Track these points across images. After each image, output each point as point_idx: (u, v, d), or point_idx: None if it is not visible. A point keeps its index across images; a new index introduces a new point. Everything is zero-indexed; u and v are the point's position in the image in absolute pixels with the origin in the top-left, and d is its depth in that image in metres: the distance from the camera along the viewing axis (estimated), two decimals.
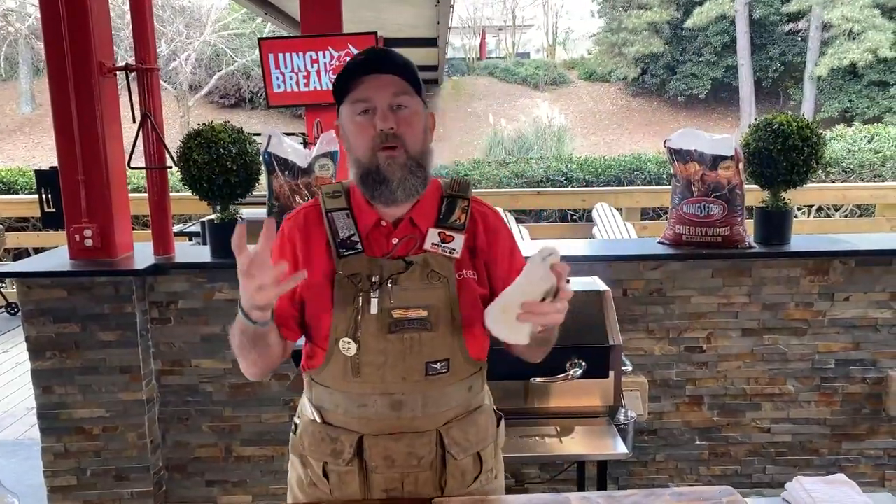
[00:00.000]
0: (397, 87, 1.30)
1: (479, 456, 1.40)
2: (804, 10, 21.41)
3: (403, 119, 1.30)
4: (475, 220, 1.39)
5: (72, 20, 2.69)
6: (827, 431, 2.94)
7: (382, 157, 1.29)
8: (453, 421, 1.37)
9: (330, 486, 1.37)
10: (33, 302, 2.72)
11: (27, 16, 20.55)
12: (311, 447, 1.39)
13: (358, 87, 1.30)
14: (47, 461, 2.83)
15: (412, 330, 1.30)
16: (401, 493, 1.36)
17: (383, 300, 1.29)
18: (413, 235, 1.35)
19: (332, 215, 1.36)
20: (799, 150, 2.70)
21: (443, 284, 1.32)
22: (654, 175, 6.81)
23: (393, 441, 1.33)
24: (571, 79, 26.49)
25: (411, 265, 1.31)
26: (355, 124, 1.31)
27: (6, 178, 6.81)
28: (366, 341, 1.30)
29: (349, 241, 1.33)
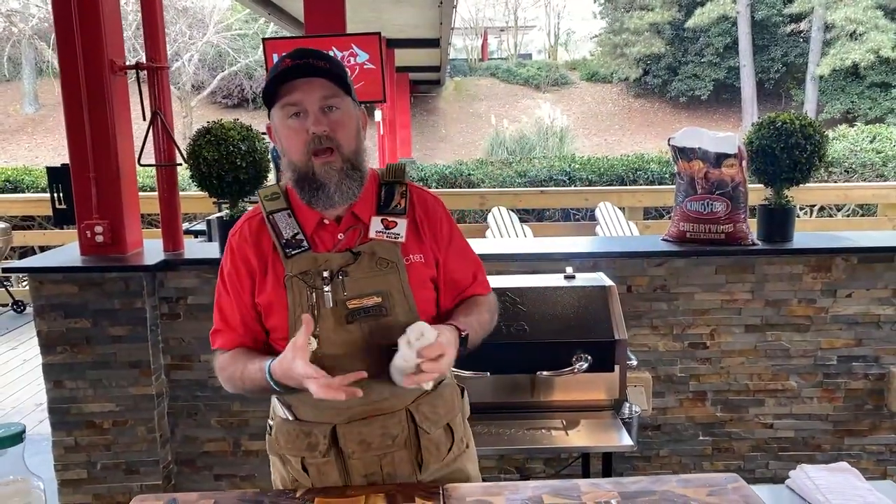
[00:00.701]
0: (327, 90, 1.30)
1: (449, 427, 1.44)
2: (806, 11, 21.44)
3: (335, 121, 1.31)
4: (414, 204, 1.42)
5: (83, 19, 2.72)
6: (829, 427, 2.97)
7: (318, 164, 1.30)
8: (420, 398, 1.40)
9: (311, 479, 1.40)
10: (45, 297, 2.76)
11: (30, 16, 20.62)
12: (288, 445, 1.41)
13: (288, 92, 1.30)
14: (58, 455, 2.86)
15: (369, 317, 1.32)
16: (380, 476, 1.38)
17: (337, 293, 1.32)
18: (356, 226, 1.38)
19: (273, 217, 1.37)
20: (801, 148, 2.73)
21: (392, 270, 1.34)
22: (657, 175, 6.85)
23: (365, 425, 1.36)
24: (573, 80, 26.53)
25: (359, 255, 1.33)
26: (287, 128, 1.32)
27: (12, 177, 6.85)
28: (326, 335, 1.32)
29: (294, 240, 1.34)
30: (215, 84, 22.08)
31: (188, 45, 21.09)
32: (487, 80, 26.11)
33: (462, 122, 23.47)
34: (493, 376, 2.18)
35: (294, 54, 1.31)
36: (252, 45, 21.17)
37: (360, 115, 1.39)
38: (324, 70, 1.30)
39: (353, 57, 5.46)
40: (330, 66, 1.31)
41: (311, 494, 1.34)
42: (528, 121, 17.86)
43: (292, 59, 1.30)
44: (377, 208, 1.38)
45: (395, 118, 14.09)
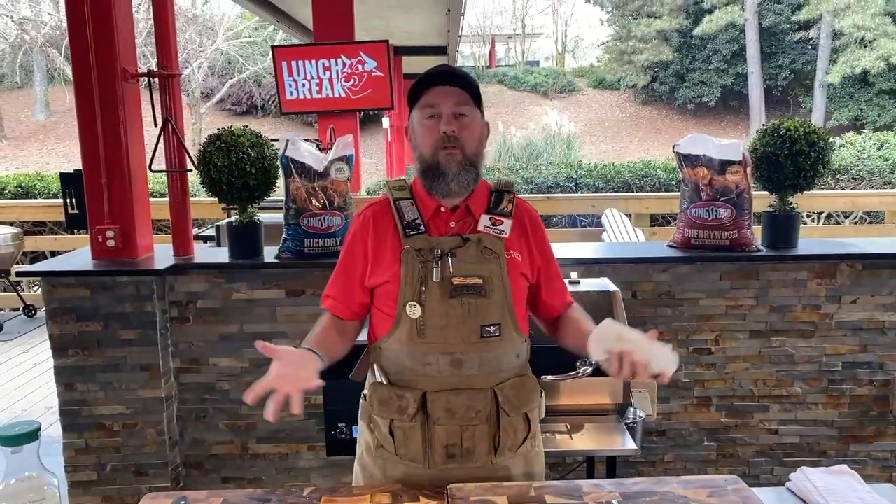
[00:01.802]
0: (460, 98, 1.52)
1: (527, 417, 1.57)
2: (815, 18, 21.43)
3: (463, 125, 1.51)
4: (522, 210, 1.62)
5: (97, 27, 2.77)
6: (834, 433, 2.98)
7: (443, 155, 1.50)
8: (505, 382, 1.53)
9: (395, 443, 1.52)
10: (57, 300, 2.80)
11: (42, 24, 20.82)
12: (380, 407, 1.54)
13: (427, 95, 1.52)
14: (68, 457, 2.90)
15: (470, 295, 1.48)
16: (459, 449, 1.50)
17: (444, 270, 1.49)
18: (467, 219, 1.56)
19: (398, 203, 1.57)
20: (806, 155, 2.75)
21: (495, 260, 1.52)
22: (664, 181, 6.86)
23: (454, 395, 1.49)
24: (581, 87, 26.57)
25: (468, 241, 1.52)
26: (423, 126, 1.53)
27: (24, 182, 6.93)
28: (430, 305, 1.48)
29: (413, 223, 1.54)
30: (225, 91, 22.24)
31: (198, 53, 21.25)
32: (495, 87, 26.17)
33: None
34: None
35: (438, 68, 1.56)
36: (261, 53, 21.31)
37: (485, 127, 1.59)
38: (460, 80, 1.53)
39: (362, 64, 5.53)
40: (467, 79, 1.54)
41: (318, 493, 1.37)
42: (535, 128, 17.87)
43: (437, 71, 1.55)
44: (487, 208, 1.57)
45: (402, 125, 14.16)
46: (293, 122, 21.16)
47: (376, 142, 19.75)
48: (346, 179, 2.82)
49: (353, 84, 5.58)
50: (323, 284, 1.65)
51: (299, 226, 2.79)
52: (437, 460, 1.50)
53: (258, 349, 1.35)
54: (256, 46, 21.92)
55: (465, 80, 1.54)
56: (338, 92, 5.50)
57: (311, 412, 2.93)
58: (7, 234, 5.67)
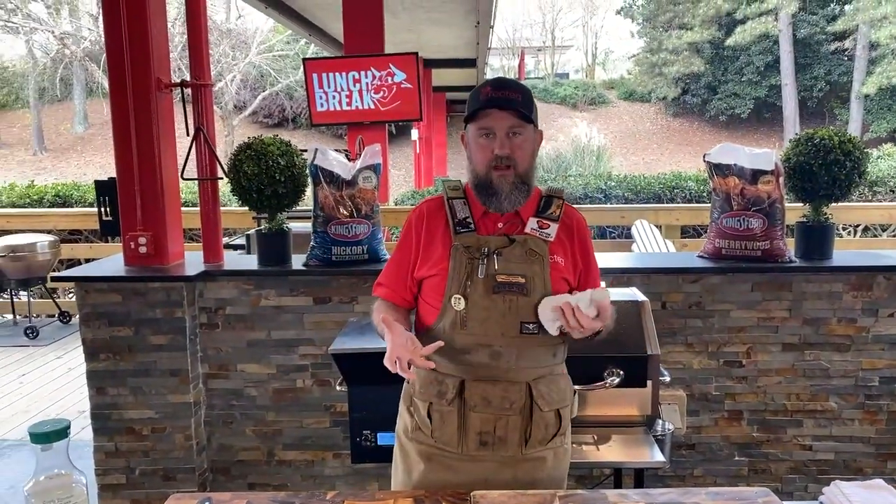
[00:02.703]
0: (513, 121, 1.56)
1: (558, 414, 1.63)
2: (850, 29, 21.09)
3: (517, 145, 1.57)
4: (570, 216, 1.68)
5: (132, 39, 2.84)
6: (871, 450, 2.90)
7: (496, 176, 1.57)
8: (541, 378, 1.60)
9: (432, 427, 1.60)
10: (90, 306, 2.85)
11: (82, 39, 21.39)
12: (421, 389, 1.63)
13: (484, 117, 1.57)
14: (98, 460, 2.94)
15: (512, 293, 1.56)
16: (492, 437, 1.57)
17: (489, 267, 1.57)
18: (515, 221, 1.63)
19: (452, 202, 1.66)
20: (841, 165, 2.70)
21: (538, 261, 1.59)
22: (695, 193, 6.77)
23: (490, 385, 1.57)
24: (611, 99, 26.46)
25: (514, 242, 1.59)
26: (478, 144, 1.59)
27: (62, 192, 7.09)
28: (473, 299, 1.56)
29: (464, 221, 1.62)
30: (257, 104, 22.59)
31: (231, 66, 21.63)
32: None
33: None
34: None
35: (494, 84, 1.58)
36: (293, 66, 21.62)
37: (537, 138, 1.64)
38: (515, 103, 1.55)
39: (391, 76, 5.57)
40: (521, 99, 1.56)
41: (341, 497, 1.37)
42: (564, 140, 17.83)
43: (493, 89, 1.57)
44: (536, 212, 1.64)
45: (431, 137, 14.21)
46: (324, 135, 21.41)
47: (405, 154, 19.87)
48: (373, 188, 2.83)
49: (382, 96, 5.62)
50: (349, 292, 1.68)
51: (327, 233, 2.81)
52: (471, 446, 1.57)
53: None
54: (288, 60, 22.25)
55: (519, 99, 1.56)
56: (367, 104, 5.54)
57: (336, 419, 2.94)
58: (44, 242, 5.80)
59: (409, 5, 7.42)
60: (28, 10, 20.87)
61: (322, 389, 2.93)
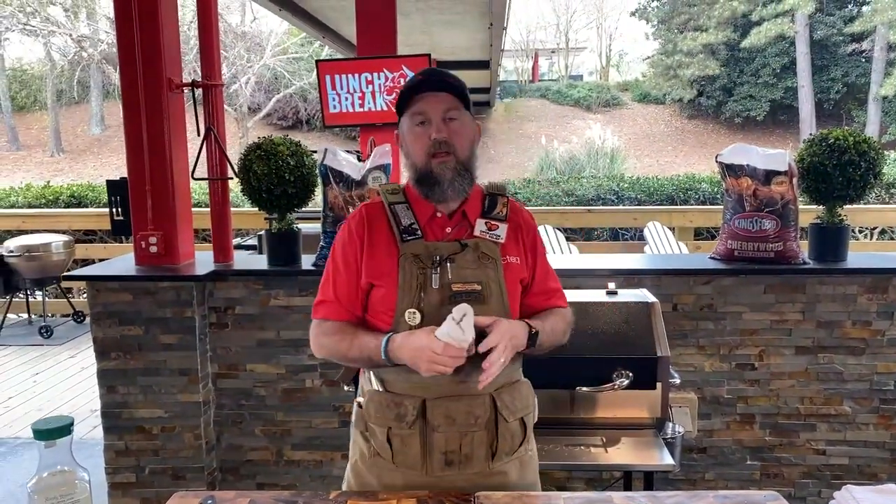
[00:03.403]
0: (449, 104, 1.50)
1: (523, 422, 1.56)
2: (868, 30, 20.86)
3: (454, 130, 1.50)
4: (517, 213, 1.61)
5: (145, 40, 2.85)
6: (886, 455, 2.85)
7: (435, 163, 1.49)
8: (503, 387, 1.52)
9: (393, 451, 1.50)
10: (101, 304, 2.87)
11: (99, 42, 21.61)
12: (377, 414, 1.51)
13: (417, 103, 1.51)
14: (109, 458, 2.96)
15: (468, 301, 1.43)
16: (457, 455, 1.48)
17: (443, 276, 1.48)
18: (464, 224, 1.55)
19: (393, 207, 1.55)
20: (856, 165, 2.66)
21: (492, 265, 1.51)
22: (709, 195, 6.72)
23: (453, 402, 1.47)
24: (625, 101, 26.33)
25: (466, 247, 1.50)
26: (413, 134, 1.52)
27: (77, 192, 7.16)
28: (429, 311, 1.46)
29: (410, 228, 1.52)
30: (271, 106, 22.69)
31: (246, 68, 21.76)
32: (537, 102, 26.13)
33: (511, 143, 23.51)
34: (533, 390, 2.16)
35: (425, 72, 1.54)
36: (307, 69, 21.70)
37: (476, 129, 1.57)
38: (448, 85, 1.51)
39: (403, 78, 5.55)
40: (455, 83, 1.52)
41: (344, 497, 1.36)
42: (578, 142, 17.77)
43: (424, 76, 1.52)
44: (482, 212, 1.57)
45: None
46: (337, 137, 21.46)
47: None
48: None
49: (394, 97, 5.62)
50: None
51: (336, 234, 2.80)
52: (435, 467, 1.48)
53: None
54: (302, 62, 22.34)
55: (453, 84, 1.52)
56: (380, 105, 5.54)
57: (345, 420, 2.93)
58: (59, 242, 5.86)
59: (422, 7, 7.42)
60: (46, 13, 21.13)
61: (331, 390, 2.93)
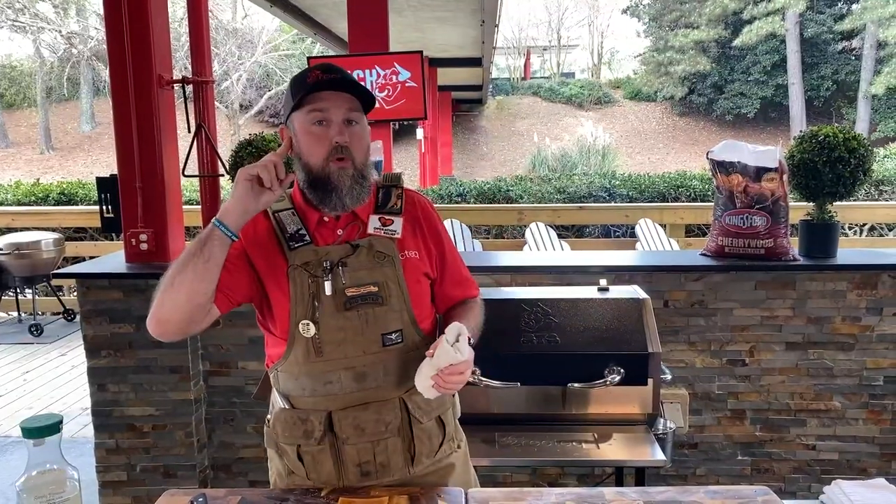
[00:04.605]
0: (350, 104, 1.40)
1: (440, 420, 1.50)
2: (858, 28, 20.97)
3: (354, 134, 1.40)
4: (412, 203, 1.52)
5: (134, 36, 2.83)
6: (875, 450, 2.87)
7: (334, 168, 1.38)
8: (413, 388, 1.41)
9: (306, 468, 1.45)
10: (91, 302, 2.85)
11: (89, 38, 21.48)
12: (284, 433, 1.46)
13: (316, 99, 1.38)
14: (100, 457, 2.94)
15: (366, 305, 1.40)
16: (373, 465, 1.42)
17: (336, 282, 1.39)
18: (355, 223, 1.46)
19: (278, 215, 1.45)
20: (845, 162, 2.67)
21: (388, 263, 1.43)
22: (700, 192, 6.74)
23: (361, 411, 1.41)
24: (616, 98, 26.39)
25: (357, 248, 1.42)
26: (310, 134, 1.40)
27: (67, 189, 7.11)
28: (324, 321, 1.39)
29: (297, 234, 1.42)
30: (263, 103, 22.61)
31: (237, 65, 21.67)
32: (529, 99, 26.15)
33: (503, 141, 23.53)
34: (524, 387, 2.17)
35: (323, 68, 1.40)
36: (298, 66, 21.62)
37: (370, 135, 1.49)
38: (352, 85, 1.40)
39: (396, 75, 5.54)
40: (355, 82, 1.42)
41: (336, 494, 1.36)
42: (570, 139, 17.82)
43: (323, 73, 1.38)
44: (375, 208, 1.47)
45: (436, 136, 14.21)
46: None
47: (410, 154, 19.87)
48: None
49: (386, 94, 5.59)
50: None
51: None
52: (352, 479, 1.43)
53: None
54: (294, 59, 22.28)
55: (355, 84, 1.42)
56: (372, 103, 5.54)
57: None
58: (49, 240, 5.82)
59: (415, 4, 7.41)
60: (36, 9, 20.98)
61: None
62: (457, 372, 1.31)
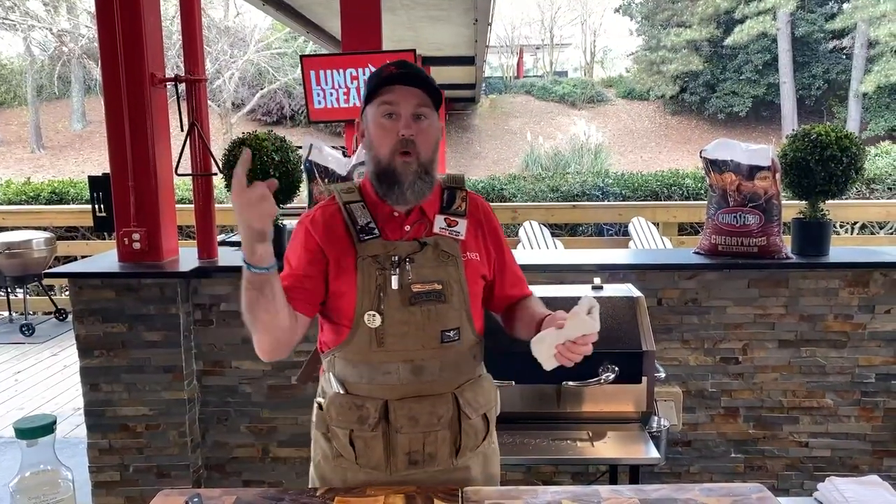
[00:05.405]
0: (420, 100, 1.45)
1: (485, 417, 1.56)
2: (849, 27, 21.07)
3: (422, 129, 1.45)
4: (476, 206, 1.58)
5: (126, 34, 2.82)
6: (867, 447, 2.89)
7: (399, 162, 1.44)
8: (465, 385, 1.50)
9: (356, 453, 1.48)
10: (84, 302, 2.84)
11: (80, 36, 21.35)
12: (339, 417, 1.49)
13: (388, 93, 1.44)
14: (92, 457, 2.93)
15: (429, 302, 1.44)
16: (421, 455, 1.47)
17: (402, 276, 1.44)
18: (422, 221, 1.51)
19: (349, 207, 1.50)
20: (837, 161, 2.69)
21: (452, 263, 1.48)
22: (692, 190, 6.76)
23: (416, 402, 1.46)
24: (609, 97, 26.44)
25: (425, 245, 1.47)
26: (380, 126, 1.45)
27: (58, 188, 7.08)
28: (389, 313, 1.43)
29: (367, 227, 1.47)
30: (255, 101, 22.54)
31: (229, 64, 21.59)
32: (522, 98, 26.16)
33: (497, 139, 23.53)
34: (519, 385, 2.17)
35: (398, 64, 1.46)
36: (291, 64, 21.59)
37: (440, 131, 1.54)
38: (421, 80, 1.46)
39: None
40: (427, 79, 1.47)
41: (332, 493, 1.36)
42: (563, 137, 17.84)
43: (397, 68, 1.45)
44: (441, 208, 1.53)
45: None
46: (322, 132, 21.37)
47: None
48: None
49: None
50: None
51: None
52: (399, 467, 1.47)
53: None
54: (287, 58, 22.22)
55: (426, 80, 1.46)
56: None
57: None
58: (40, 239, 5.79)
59: (408, 2, 7.40)
60: (26, 7, 20.84)
61: (316, 387, 2.92)
62: (584, 343, 1.33)
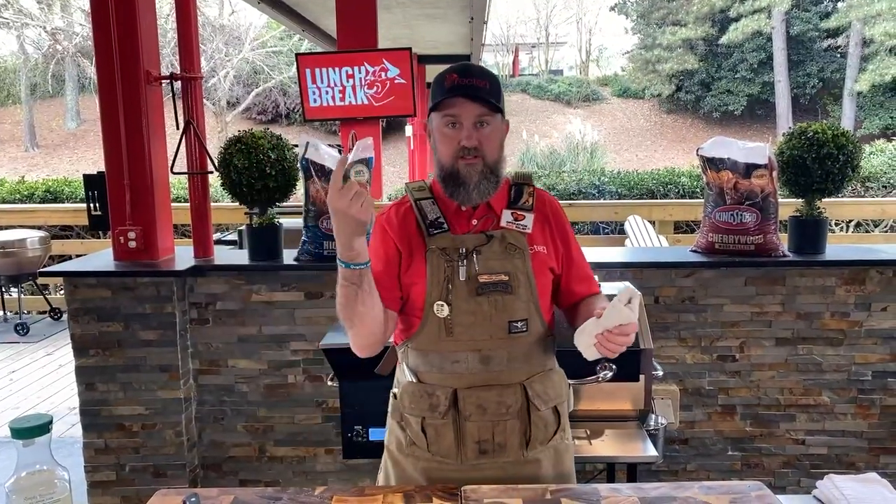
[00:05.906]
0: (481, 110, 1.48)
1: (556, 410, 1.58)
2: (843, 25, 21.11)
3: (484, 135, 1.49)
4: (542, 201, 1.62)
5: (121, 31, 2.81)
6: (864, 444, 2.89)
7: (462, 164, 1.49)
8: (535, 377, 1.54)
9: (427, 440, 1.53)
10: (79, 301, 2.82)
11: (74, 34, 21.25)
12: (411, 405, 1.54)
13: (450, 105, 1.48)
14: (88, 456, 2.92)
15: (496, 292, 1.49)
16: (491, 443, 1.50)
17: (470, 268, 1.49)
18: (489, 215, 1.56)
19: (420, 203, 1.57)
20: (834, 159, 2.69)
21: (519, 255, 1.52)
22: (688, 189, 6.77)
23: (484, 391, 1.50)
24: (605, 95, 26.44)
25: (491, 238, 1.52)
26: (444, 134, 1.50)
27: (52, 187, 7.05)
28: (457, 304, 1.48)
29: (436, 222, 1.54)
30: (250, 100, 22.47)
31: (224, 62, 21.52)
32: (518, 96, 26.14)
33: None
34: None
35: (460, 71, 1.48)
36: (286, 62, 21.53)
37: (505, 126, 1.56)
38: (482, 91, 1.47)
39: (384, 72, 5.53)
40: (489, 87, 1.48)
41: (330, 493, 1.35)
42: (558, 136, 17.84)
43: (459, 77, 1.47)
44: (508, 203, 1.57)
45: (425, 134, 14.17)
46: (318, 131, 21.32)
47: (399, 151, 19.82)
48: (365, 182, 2.80)
49: (375, 91, 5.59)
50: None
51: (318, 228, 2.79)
52: (469, 456, 1.50)
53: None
54: (282, 56, 22.15)
55: (487, 88, 1.48)
56: (360, 99, 5.50)
57: (328, 415, 2.92)
58: (35, 238, 5.76)
59: (404, 0, 7.39)
60: (19, 5, 20.74)
61: (313, 385, 2.91)
62: (623, 333, 1.34)
